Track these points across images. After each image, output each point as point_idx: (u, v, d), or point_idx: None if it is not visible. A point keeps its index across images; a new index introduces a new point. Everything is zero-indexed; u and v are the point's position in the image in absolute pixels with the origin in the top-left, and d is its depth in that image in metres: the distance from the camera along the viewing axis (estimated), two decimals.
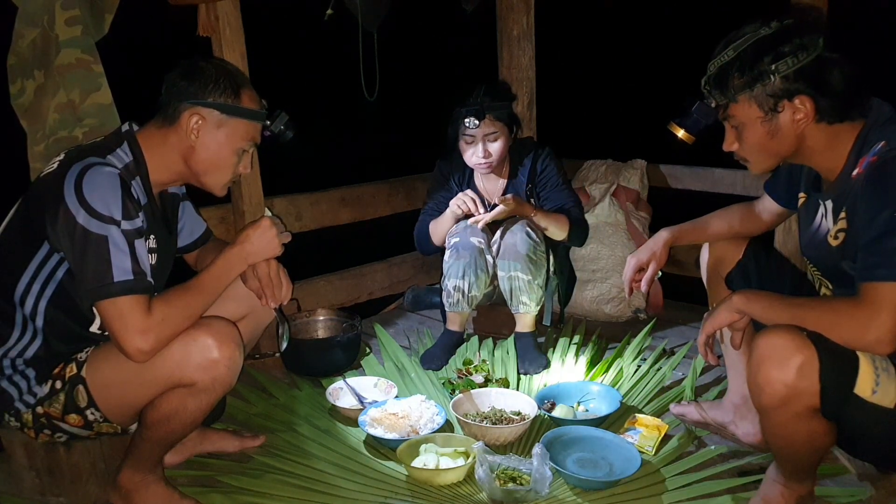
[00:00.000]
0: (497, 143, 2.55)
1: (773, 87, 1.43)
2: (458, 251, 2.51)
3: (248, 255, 1.70)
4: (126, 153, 1.60)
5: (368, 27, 2.74)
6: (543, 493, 1.72)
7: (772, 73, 1.42)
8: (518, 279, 2.45)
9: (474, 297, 2.54)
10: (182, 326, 1.54)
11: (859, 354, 1.38)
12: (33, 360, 1.60)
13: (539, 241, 2.48)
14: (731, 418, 1.95)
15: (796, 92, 1.43)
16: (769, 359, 1.39)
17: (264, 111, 1.70)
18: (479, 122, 2.48)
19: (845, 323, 1.37)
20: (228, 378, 1.58)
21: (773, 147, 1.51)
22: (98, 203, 1.46)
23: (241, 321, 1.80)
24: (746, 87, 1.45)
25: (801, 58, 1.41)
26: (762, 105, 1.46)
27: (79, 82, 2.17)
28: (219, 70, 1.63)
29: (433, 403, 2.17)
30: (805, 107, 1.44)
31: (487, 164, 2.58)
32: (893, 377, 1.39)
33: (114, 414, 1.61)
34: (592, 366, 2.52)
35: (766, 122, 1.48)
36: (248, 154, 1.71)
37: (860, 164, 1.44)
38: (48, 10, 2.12)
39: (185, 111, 1.59)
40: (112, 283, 1.46)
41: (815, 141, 1.49)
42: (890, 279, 1.34)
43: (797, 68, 1.41)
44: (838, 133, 1.48)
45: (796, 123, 1.46)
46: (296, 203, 2.88)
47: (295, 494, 1.80)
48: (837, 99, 1.43)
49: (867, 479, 1.76)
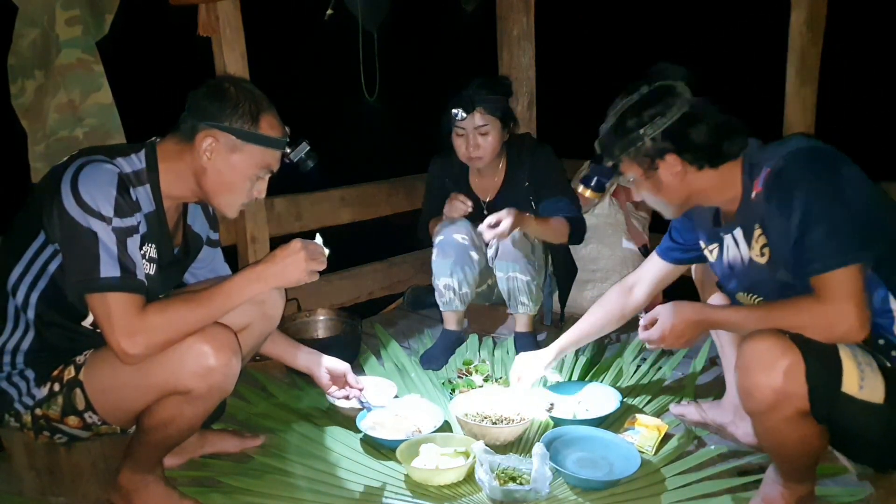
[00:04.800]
0: (487, 137, 2.51)
1: (644, 149, 1.56)
2: (443, 250, 2.52)
3: (269, 277, 1.62)
4: (140, 160, 1.59)
5: (368, 27, 2.74)
6: (543, 493, 1.72)
7: (640, 137, 1.55)
8: (516, 280, 2.45)
9: (466, 293, 2.54)
10: (176, 337, 1.50)
11: (840, 353, 1.40)
12: (31, 358, 1.60)
13: (537, 242, 2.47)
14: (731, 418, 1.95)
15: (664, 151, 1.55)
16: (755, 364, 1.42)
17: (284, 139, 1.65)
18: (467, 114, 2.45)
19: (813, 320, 1.41)
20: (225, 385, 1.57)
21: (666, 197, 1.62)
22: (90, 197, 1.45)
23: (244, 331, 1.78)
24: (624, 150, 1.58)
25: (661, 122, 1.53)
26: (640, 164, 1.59)
27: (79, 82, 2.17)
28: (241, 93, 1.59)
29: (429, 402, 2.17)
30: (676, 163, 1.55)
31: (477, 158, 2.54)
32: (877, 371, 1.41)
33: (111, 417, 1.60)
34: (592, 366, 2.52)
35: (648, 177, 1.60)
36: (264, 181, 1.67)
37: (756, 185, 1.52)
38: (48, 10, 2.12)
39: (200, 131, 1.56)
40: (98, 278, 1.45)
41: (704, 184, 1.58)
42: (833, 267, 1.39)
43: (662, 130, 1.53)
44: (724, 171, 1.56)
45: (675, 176, 1.57)
46: (296, 203, 2.88)
47: (295, 494, 1.80)
48: (704, 149, 1.54)
49: (867, 478, 1.76)
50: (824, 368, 1.39)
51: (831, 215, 1.40)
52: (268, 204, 2.69)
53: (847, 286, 1.39)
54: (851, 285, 1.39)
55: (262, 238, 2.66)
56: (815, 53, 2.50)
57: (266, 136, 1.60)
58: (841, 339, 1.41)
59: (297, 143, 1.69)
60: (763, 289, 1.62)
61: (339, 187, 3.09)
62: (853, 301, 1.38)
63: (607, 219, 3.04)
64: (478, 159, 2.54)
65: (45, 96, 2.15)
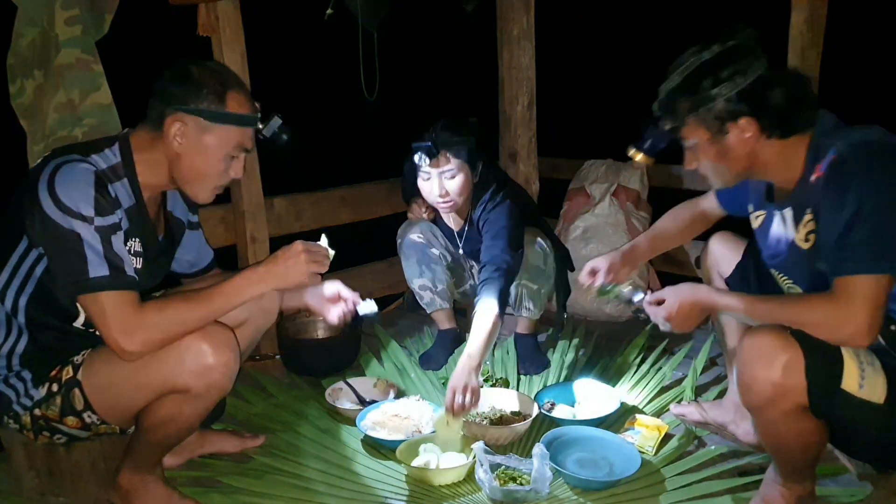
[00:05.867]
0: (454, 180, 2.36)
1: (716, 111, 1.47)
2: (404, 253, 2.55)
3: (270, 279, 1.61)
4: (115, 154, 1.56)
5: (368, 27, 2.74)
6: (543, 493, 1.72)
7: (714, 97, 1.46)
8: (526, 287, 2.46)
9: (443, 290, 2.55)
10: (174, 336, 1.50)
11: (842, 350, 1.40)
12: (27, 359, 1.59)
13: (549, 253, 2.47)
14: (731, 418, 1.95)
15: (739, 113, 1.46)
16: (755, 358, 1.42)
17: (254, 115, 1.62)
18: (431, 158, 2.31)
19: (821, 319, 1.39)
20: (224, 384, 1.56)
21: (727, 165, 1.54)
22: (69, 199, 1.43)
23: (241, 327, 1.77)
24: (692, 111, 1.49)
25: (740, 81, 1.44)
26: (709, 127, 1.49)
27: (79, 82, 2.16)
28: (205, 73, 1.57)
29: (427, 402, 2.17)
30: (750, 127, 1.47)
31: (445, 203, 2.40)
32: (879, 370, 1.41)
33: (110, 417, 1.60)
34: (592, 366, 2.52)
35: (715, 143, 1.51)
36: (240, 160, 1.64)
37: (818, 169, 1.46)
38: (48, 10, 2.11)
39: (168, 117, 1.54)
40: (88, 279, 1.44)
41: (768, 156, 1.52)
42: (859, 272, 1.36)
43: (738, 91, 1.44)
44: (790, 145, 1.50)
45: (744, 142, 1.49)
46: (296, 203, 2.88)
47: (295, 494, 1.80)
48: (780, 117, 1.47)
49: (867, 478, 1.77)
50: (824, 364, 1.39)
51: (881, 218, 1.35)
52: (268, 204, 2.69)
53: (868, 293, 1.35)
54: (873, 293, 1.35)
55: (262, 238, 2.66)
56: (815, 53, 2.50)
57: (235, 114, 1.57)
58: (844, 341, 1.39)
59: (269, 119, 1.66)
60: (797, 273, 1.60)
61: (339, 187, 3.09)
62: (869, 309, 1.35)
63: (607, 219, 3.04)
64: (447, 205, 2.41)
65: (45, 96, 2.15)
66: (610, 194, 3.08)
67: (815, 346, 1.39)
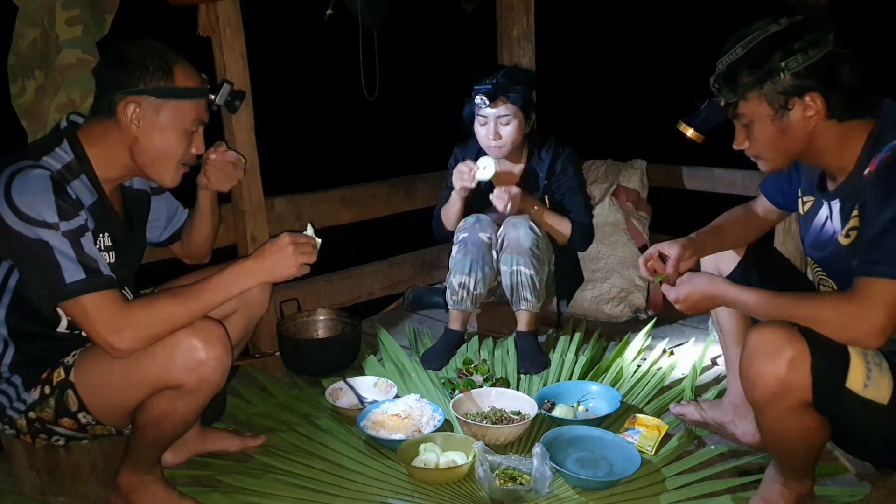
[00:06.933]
0: (509, 126, 2.52)
1: (783, 85, 1.40)
2: (465, 246, 2.49)
3: (259, 273, 1.59)
4: (66, 152, 1.53)
5: (368, 27, 2.74)
6: (543, 493, 1.72)
7: (782, 70, 1.39)
8: (521, 274, 2.44)
9: (479, 294, 2.53)
10: (163, 332, 1.49)
11: (850, 349, 1.39)
12: (15, 367, 1.59)
13: (541, 236, 2.47)
14: (731, 418, 1.95)
15: (807, 89, 1.40)
16: (760, 353, 1.40)
17: (204, 87, 1.61)
18: (491, 101, 2.46)
19: (835, 316, 1.38)
20: (216, 379, 1.55)
21: (784, 145, 1.48)
22: (30, 208, 1.40)
23: (232, 317, 1.76)
24: (756, 85, 1.42)
25: (812, 54, 1.38)
26: (772, 102, 1.43)
27: (79, 82, 2.16)
28: (146, 52, 1.53)
29: (427, 402, 2.17)
30: (816, 104, 1.41)
31: (497, 147, 2.54)
32: (886, 372, 1.40)
33: (105, 417, 1.59)
34: (592, 366, 2.52)
35: (776, 119, 1.45)
36: (199, 134, 1.62)
37: (872, 163, 1.42)
38: (48, 10, 2.11)
39: (119, 102, 1.51)
40: (65, 285, 1.42)
41: (826, 139, 1.46)
42: (888, 276, 1.34)
43: (808, 65, 1.38)
44: (849, 131, 1.45)
45: (807, 121, 1.43)
46: (296, 203, 2.88)
47: (295, 494, 1.80)
48: (848, 95, 1.40)
49: (866, 478, 1.77)
50: (830, 361, 1.38)
51: None
52: (268, 204, 2.69)
53: (889, 297, 1.33)
54: (894, 298, 1.33)
55: (262, 238, 2.66)
56: None
57: (185, 87, 1.56)
58: (857, 339, 1.37)
59: (219, 87, 1.66)
60: (832, 267, 1.58)
61: (339, 187, 3.09)
62: (887, 312, 1.33)
63: (607, 219, 3.04)
64: (498, 148, 2.55)
65: (45, 96, 2.15)
66: (610, 194, 3.08)
67: (821, 342, 1.38)
